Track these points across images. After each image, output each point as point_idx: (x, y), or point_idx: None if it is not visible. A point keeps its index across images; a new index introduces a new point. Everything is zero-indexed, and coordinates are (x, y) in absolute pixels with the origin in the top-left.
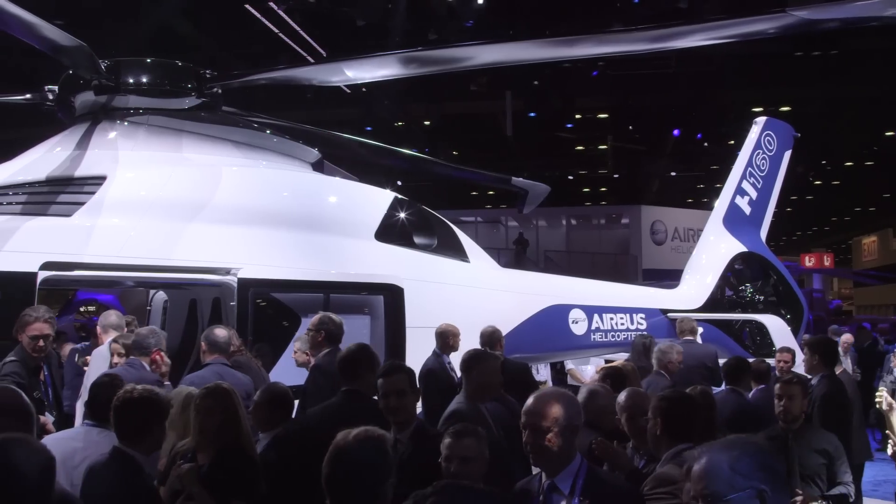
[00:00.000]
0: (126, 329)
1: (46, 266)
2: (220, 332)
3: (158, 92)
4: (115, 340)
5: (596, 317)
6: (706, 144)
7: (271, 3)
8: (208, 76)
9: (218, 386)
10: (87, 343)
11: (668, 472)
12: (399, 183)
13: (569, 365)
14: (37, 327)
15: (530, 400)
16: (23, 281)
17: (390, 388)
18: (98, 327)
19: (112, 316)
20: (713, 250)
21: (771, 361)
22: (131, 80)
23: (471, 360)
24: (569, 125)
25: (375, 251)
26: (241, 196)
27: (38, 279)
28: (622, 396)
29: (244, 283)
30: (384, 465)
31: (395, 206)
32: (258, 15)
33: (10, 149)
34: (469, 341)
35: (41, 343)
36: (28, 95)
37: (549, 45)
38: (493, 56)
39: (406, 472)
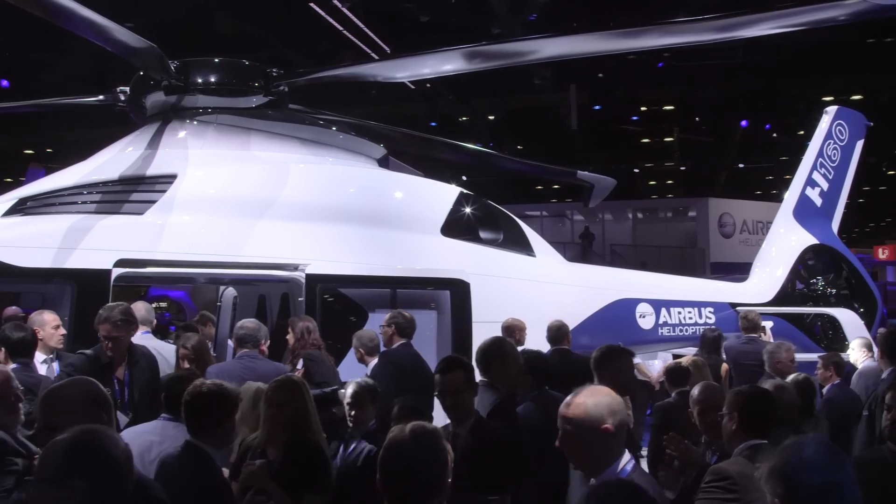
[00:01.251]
0: (206, 325)
1: (120, 263)
2: (249, 325)
3: (226, 91)
4: (183, 346)
5: (663, 311)
6: (775, 135)
7: (335, 1)
8: (275, 74)
9: (289, 379)
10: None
11: (726, 466)
12: (464, 178)
13: (636, 360)
14: (104, 328)
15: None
16: (98, 278)
17: (446, 387)
18: None
19: (142, 309)
20: (783, 243)
21: (843, 355)
22: (200, 80)
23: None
24: (634, 118)
25: (441, 246)
26: (308, 193)
27: (113, 276)
28: (695, 391)
29: (312, 279)
30: (439, 459)
31: (460, 200)
32: (323, 13)
33: (84, 149)
34: (535, 336)
35: (109, 343)
36: (101, 97)
37: (614, 37)
38: (557, 49)
39: (467, 466)
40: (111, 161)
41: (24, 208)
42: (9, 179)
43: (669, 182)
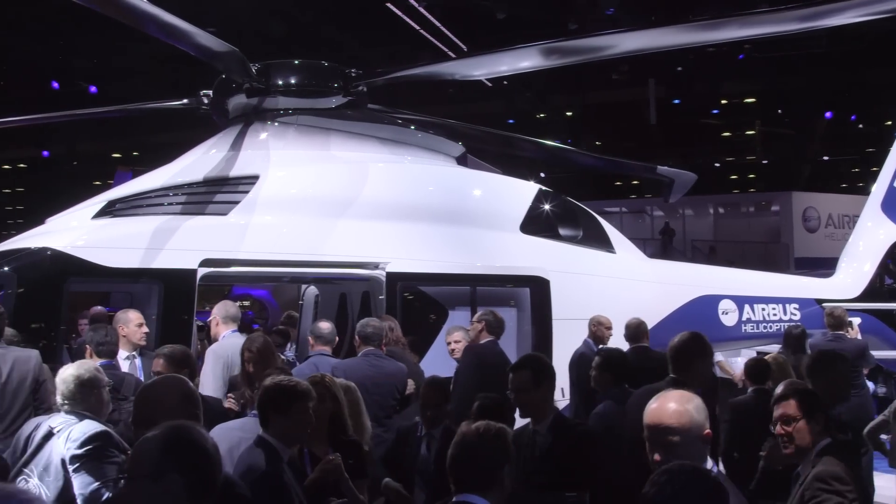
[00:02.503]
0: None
1: (205, 263)
2: (374, 323)
3: (307, 92)
4: (248, 349)
5: (747, 307)
6: (861, 126)
7: (412, 1)
8: (354, 75)
9: (325, 376)
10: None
11: (832, 468)
12: (542, 175)
13: (718, 357)
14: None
15: None
16: (184, 277)
17: (513, 385)
18: (216, 318)
19: (231, 308)
20: (871, 237)
21: None
22: (281, 82)
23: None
24: (715, 111)
25: (521, 243)
26: (388, 191)
27: (198, 276)
28: (778, 389)
29: (392, 277)
30: (496, 455)
31: (539, 197)
32: (399, 13)
33: (169, 152)
34: (615, 333)
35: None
36: (185, 101)
37: (693, 29)
38: (636, 43)
39: (547, 463)
40: (195, 163)
41: (112, 210)
42: (98, 182)
43: (751, 176)
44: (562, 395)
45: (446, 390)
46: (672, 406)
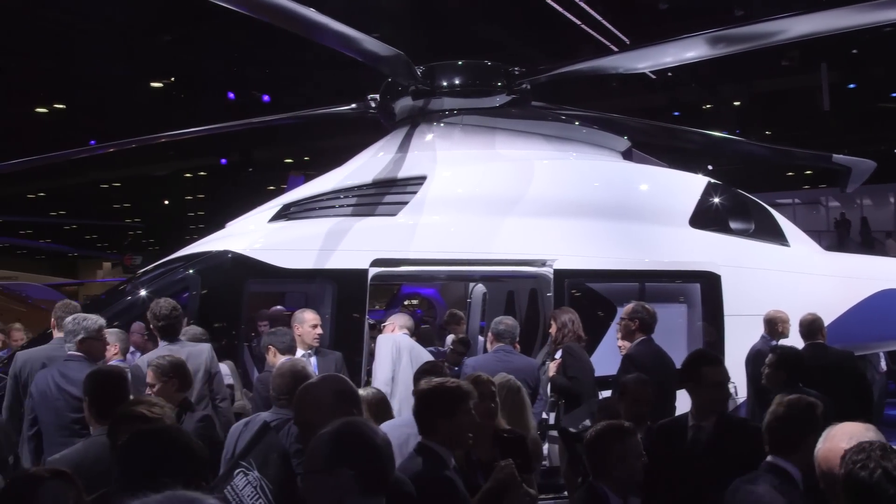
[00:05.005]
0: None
1: (376, 263)
2: (508, 321)
3: (471, 92)
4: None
5: None
6: None
7: None
8: (517, 73)
9: (481, 375)
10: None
11: None
12: (710, 167)
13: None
14: None
15: None
16: (356, 277)
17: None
18: (393, 324)
19: (409, 320)
20: None
21: None
22: (445, 83)
23: None
24: (894, 94)
25: (690, 238)
26: (553, 188)
27: (369, 275)
28: None
29: (560, 274)
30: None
31: (708, 190)
32: (560, 9)
33: (338, 156)
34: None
35: None
36: (353, 105)
37: (869, 8)
38: (806, 27)
39: (711, 459)
40: (364, 166)
41: (287, 213)
42: (271, 188)
43: None
44: (735, 393)
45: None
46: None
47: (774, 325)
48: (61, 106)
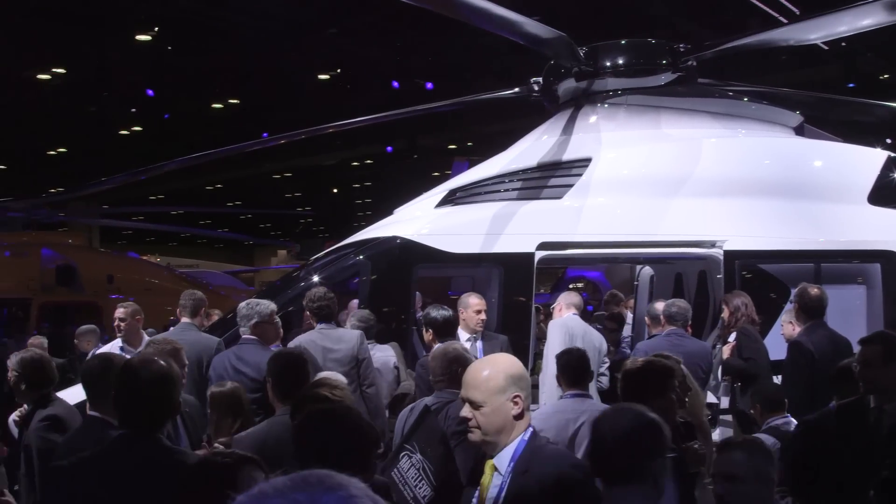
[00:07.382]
0: (619, 305)
1: (542, 246)
2: (680, 304)
3: (635, 71)
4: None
5: None
6: None
7: None
8: (682, 50)
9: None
10: None
11: None
12: (888, 140)
13: None
14: None
15: None
16: (522, 260)
17: (861, 359)
18: (560, 304)
19: (576, 297)
20: None
21: None
22: (609, 64)
23: None
24: None
25: (869, 215)
26: (722, 167)
27: (535, 259)
28: None
29: (730, 255)
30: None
31: (889, 165)
32: None
33: (500, 140)
34: None
35: None
36: (516, 89)
37: None
38: None
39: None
40: (529, 149)
41: (453, 199)
42: (436, 174)
43: None
44: None
45: None
46: None
47: None
48: (235, 101)
